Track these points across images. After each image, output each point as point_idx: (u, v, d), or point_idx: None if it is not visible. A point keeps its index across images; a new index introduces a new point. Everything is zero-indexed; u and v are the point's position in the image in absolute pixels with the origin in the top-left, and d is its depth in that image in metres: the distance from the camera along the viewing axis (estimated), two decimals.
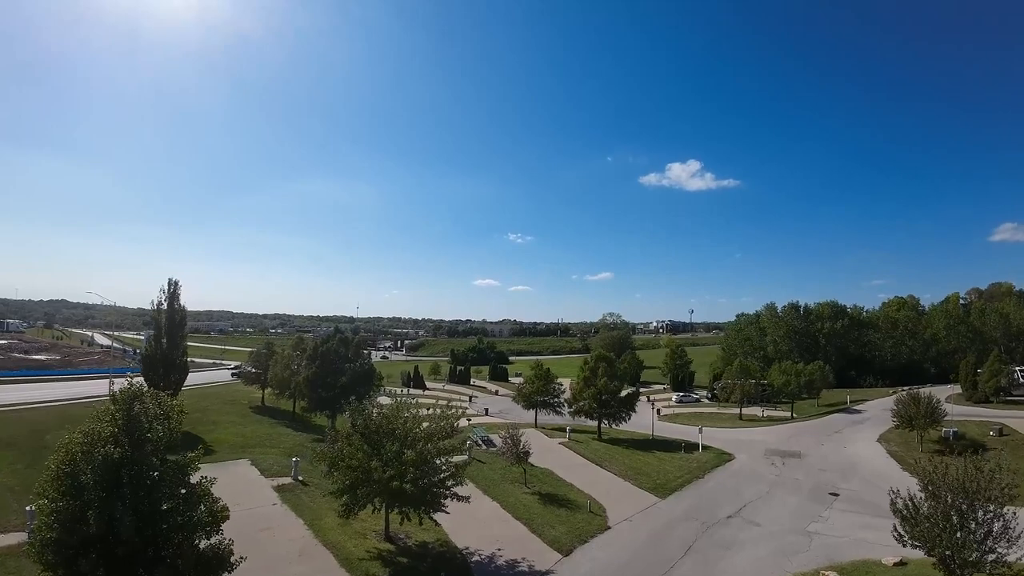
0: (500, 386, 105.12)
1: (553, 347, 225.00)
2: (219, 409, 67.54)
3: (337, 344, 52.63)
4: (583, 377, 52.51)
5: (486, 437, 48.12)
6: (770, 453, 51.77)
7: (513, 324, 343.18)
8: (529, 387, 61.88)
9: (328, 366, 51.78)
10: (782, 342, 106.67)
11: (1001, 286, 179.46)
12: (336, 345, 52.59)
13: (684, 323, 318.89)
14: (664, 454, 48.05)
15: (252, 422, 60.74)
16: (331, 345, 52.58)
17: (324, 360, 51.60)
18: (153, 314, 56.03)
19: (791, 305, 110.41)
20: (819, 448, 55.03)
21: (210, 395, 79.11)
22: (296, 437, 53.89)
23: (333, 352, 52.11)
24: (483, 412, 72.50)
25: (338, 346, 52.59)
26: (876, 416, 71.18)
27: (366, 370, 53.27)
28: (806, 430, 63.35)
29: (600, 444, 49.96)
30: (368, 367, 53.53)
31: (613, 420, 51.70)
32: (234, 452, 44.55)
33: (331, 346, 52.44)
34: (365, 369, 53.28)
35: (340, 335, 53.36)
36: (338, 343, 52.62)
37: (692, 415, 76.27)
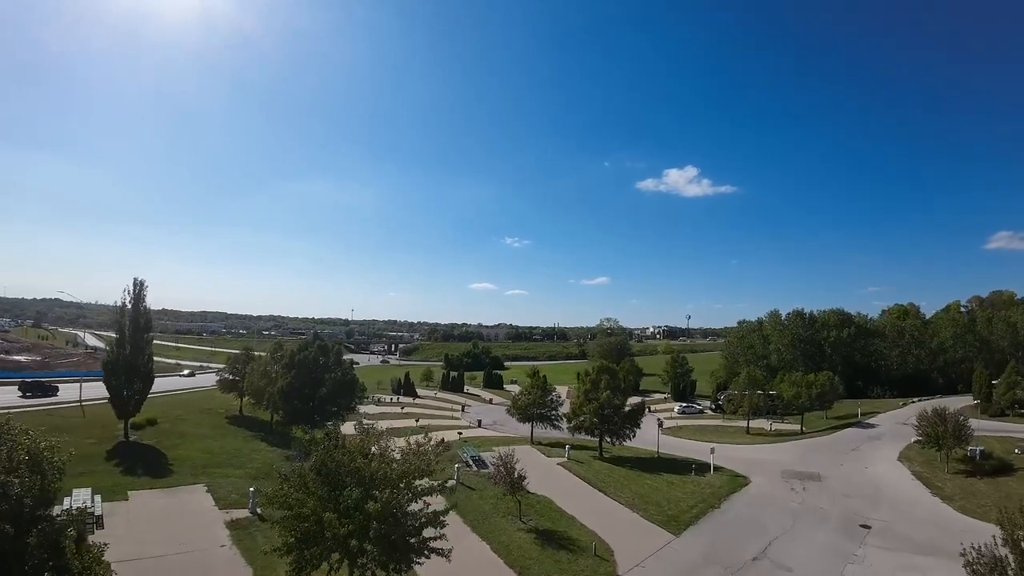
0: (494, 394, 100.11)
1: (549, 352, 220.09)
2: (191, 419, 62.33)
3: (316, 352, 47.64)
4: (583, 390, 47.63)
5: (477, 456, 43.11)
6: (787, 475, 46.95)
7: (509, 328, 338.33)
8: (525, 398, 56.97)
9: (306, 375, 46.83)
10: (786, 351, 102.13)
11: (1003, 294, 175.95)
12: (315, 353, 47.60)
13: (681, 329, 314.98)
14: (673, 477, 43.14)
15: (224, 435, 55.60)
16: (309, 353, 47.58)
17: (301, 369, 46.63)
18: (116, 316, 51.10)
19: (796, 312, 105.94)
20: (838, 469, 50.27)
21: (186, 402, 73.79)
22: (269, 453, 48.82)
23: (311, 360, 47.13)
24: (475, 424, 67.50)
25: (317, 354, 47.62)
26: (892, 431, 66.59)
27: (347, 380, 48.26)
28: (820, 447, 58.60)
29: (602, 464, 45.02)
30: (350, 377, 48.55)
31: (616, 438, 46.76)
32: (193, 474, 39.46)
33: (309, 354, 47.45)
34: (346, 379, 48.25)
35: (319, 342, 48.36)
36: (317, 351, 47.66)
37: (696, 428, 71.53)
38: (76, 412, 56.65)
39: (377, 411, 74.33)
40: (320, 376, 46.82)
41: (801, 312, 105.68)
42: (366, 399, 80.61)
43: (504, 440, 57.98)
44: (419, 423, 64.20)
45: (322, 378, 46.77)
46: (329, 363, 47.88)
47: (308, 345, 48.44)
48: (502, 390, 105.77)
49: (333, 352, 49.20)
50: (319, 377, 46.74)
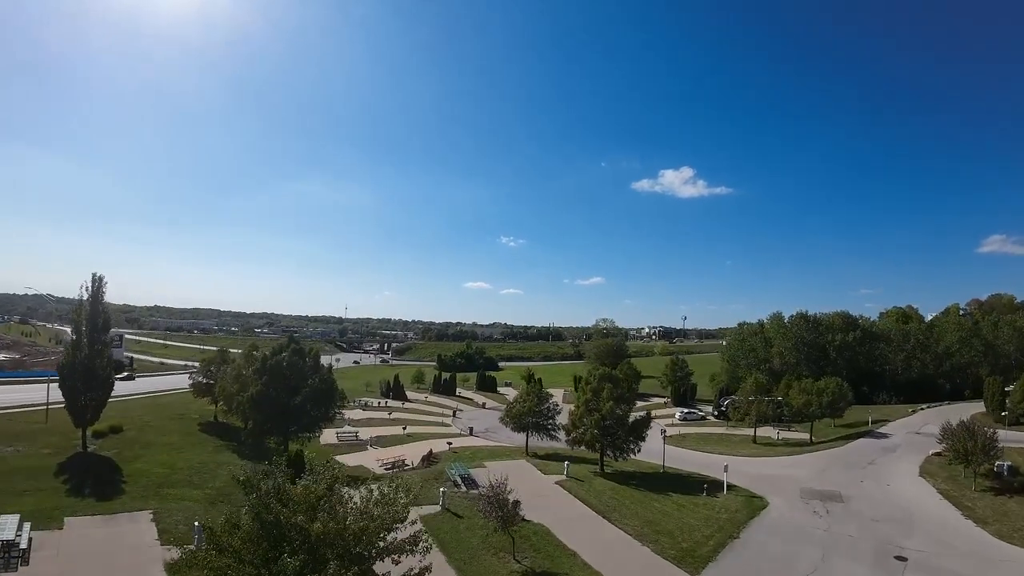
0: (487, 397, 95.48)
1: (544, 353, 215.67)
2: (161, 426, 57.40)
3: (290, 355, 42.80)
4: (583, 400, 43.01)
5: (466, 475, 38.44)
6: (807, 495, 42.54)
7: (504, 328, 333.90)
8: (519, 406, 52.38)
9: (279, 382, 41.99)
10: (789, 354, 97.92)
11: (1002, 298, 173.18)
12: (289, 356, 42.76)
13: (677, 329, 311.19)
14: (683, 498, 38.61)
15: (192, 444, 50.71)
16: (283, 357, 42.74)
17: (274, 375, 41.79)
18: (72, 316, 46.21)
19: (800, 315, 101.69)
20: (859, 487, 45.93)
21: (160, 406, 68.73)
22: (239, 468, 43.99)
23: (285, 365, 42.31)
24: (467, 431, 62.86)
25: (292, 358, 42.78)
26: (907, 442, 62.34)
27: (325, 387, 43.46)
28: (834, 461, 54.26)
29: (605, 483, 40.45)
30: (328, 383, 43.72)
31: (619, 453, 42.17)
32: (144, 495, 34.65)
33: (283, 358, 42.61)
34: (325, 386, 43.44)
35: (294, 345, 43.51)
36: (292, 354, 42.80)
37: (700, 437, 67.14)
38: (40, 417, 51.98)
39: (364, 416, 69.62)
40: (295, 383, 41.99)
41: (805, 315, 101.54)
42: (348, 405, 75.89)
43: (497, 451, 53.38)
44: (406, 431, 59.56)
45: (297, 385, 41.93)
46: (305, 368, 43.04)
47: (282, 348, 43.53)
48: (496, 393, 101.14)
49: (310, 356, 44.31)
50: (294, 384, 41.90)
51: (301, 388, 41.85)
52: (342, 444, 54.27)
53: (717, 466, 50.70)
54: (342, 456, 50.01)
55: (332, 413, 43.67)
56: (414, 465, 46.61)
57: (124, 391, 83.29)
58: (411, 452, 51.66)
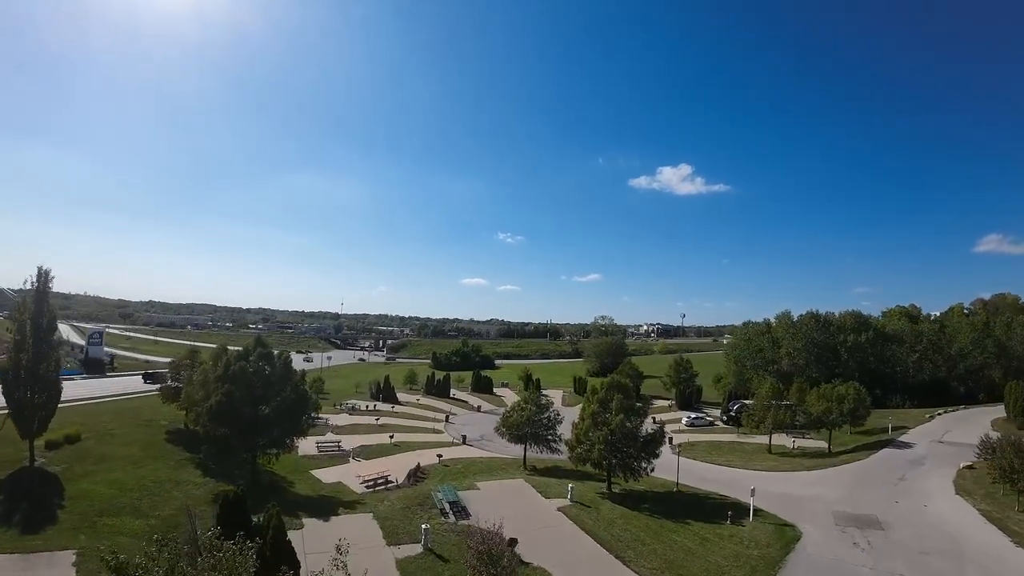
0: (483, 399, 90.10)
1: (542, 350, 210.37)
2: (124, 434, 51.83)
3: (257, 360, 37.33)
4: (590, 412, 37.65)
5: (456, 501, 33.08)
6: (841, 521, 37.42)
7: (501, 324, 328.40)
8: (517, 415, 47.13)
9: (244, 391, 36.55)
10: (799, 355, 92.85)
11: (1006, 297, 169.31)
12: (256, 362, 37.30)
13: (675, 327, 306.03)
14: (705, 528, 33.40)
15: (154, 457, 45.20)
16: (249, 363, 37.27)
17: (237, 383, 36.32)
18: (15, 314, 40.81)
19: (810, 314, 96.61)
20: (895, 508, 40.83)
21: (130, 410, 63.02)
22: (200, 487, 38.49)
23: (251, 372, 36.85)
24: (460, 440, 57.53)
25: (258, 363, 37.32)
26: (932, 452, 57.33)
27: (297, 397, 38.00)
28: (862, 476, 49.16)
29: (614, 509, 35.18)
30: (300, 393, 38.26)
31: (631, 474, 36.84)
32: (78, 526, 29.36)
33: (248, 364, 37.15)
34: (296, 396, 37.99)
35: (261, 349, 38.01)
36: (258, 358, 37.33)
37: (711, 446, 61.99)
38: None
39: (349, 422, 64.22)
40: (261, 392, 36.57)
41: (816, 314, 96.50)
42: (335, 409, 70.51)
43: (491, 464, 48.11)
44: (393, 440, 54.25)
45: (264, 395, 36.52)
46: (273, 375, 37.59)
47: (248, 351, 38.00)
48: (491, 394, 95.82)
49: (280, 361, 38.78)
50: (260, 394, 36.48)
51: (269, 398, 36.42)
52: (322, 455, 48.89)
53: (735, 483, 45.69)
54: (320, 471, 44.66)
55: (304, 426, 38.20)
56: (398, 482, 41.28)
57: (97, 392, 77.89)
58: (397, 465, 46.34)
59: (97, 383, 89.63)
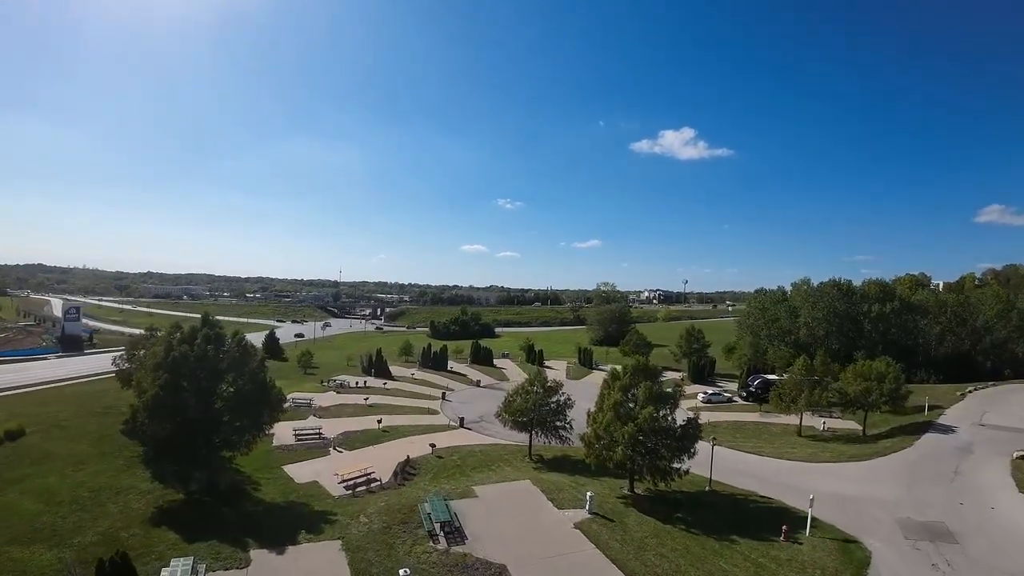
0: (483, 372, 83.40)
1: (543, 318, 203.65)
2: (75, 427, 45.01)
3: (203, 343, 29.88)
4: (612, 403, 30.40)
5: (448, 519, 26.07)
6: (909, 531, 30.86)
7: (500, 291, 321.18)
8: (522, 399, 40.12)
9: (189, 381, 29.27)
10: (818, 326, 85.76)
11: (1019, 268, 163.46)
12: (202, 345, 29.86)
13: (677, 293, 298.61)
14: (755, 545, 26.72)
15: (101, 455, 38.31)
16: (194, 347, 29.83)
17: (177, 372, 28.98)
18: None
19: (832, 282, 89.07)
20: (960, 512, 34.40)
21: (89, 396, 56.03)
22: (142, 497, 31.20)
23: (193, 358, 29.46)
24: (457, 423, 50.80)
25: (205, 347, 29.89)
26: (976, 438, 50.75)
27: (255, 386, 30.72)
28: (913, 469, 42.55)
29: (643, 523, 28.39)
30: (259, 382, 30.91)
31: (661, 477, 29.90)
32: None
33: (193, 348, 29.73)
34: (253, 386, 30.69)
35: (209, 328, 30.49)
36: (204, 341, 29.86)
37: (734, 428, 55.52)
38: None
39: (335, 402, 57.39)
40: (209, 384, 29.29)
41: (838, 282, 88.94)
42: (322, 385, 63.69)
43: (491, 455, 41.34)
44: (382, 425, 47.45)
45: (210, 387, 29.25)
46: (225, 361, 30.19)
47: (195, 331, 30.50)
48: (492, 367, 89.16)
49: (234, 344, 31.33)
50: (206, 385, 29.21)
51: (219, 389, 29.18)
52: (299, 446, 42.14)
53: (774, 477, 39.18)
54: (294, 466, 37.88)
55: (266, 421, 31.07)
56: (383, 482, 34.51)
57: (64, 374, 71.05)
58: (384, 457, 39.62)
59: (71, 362, 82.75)
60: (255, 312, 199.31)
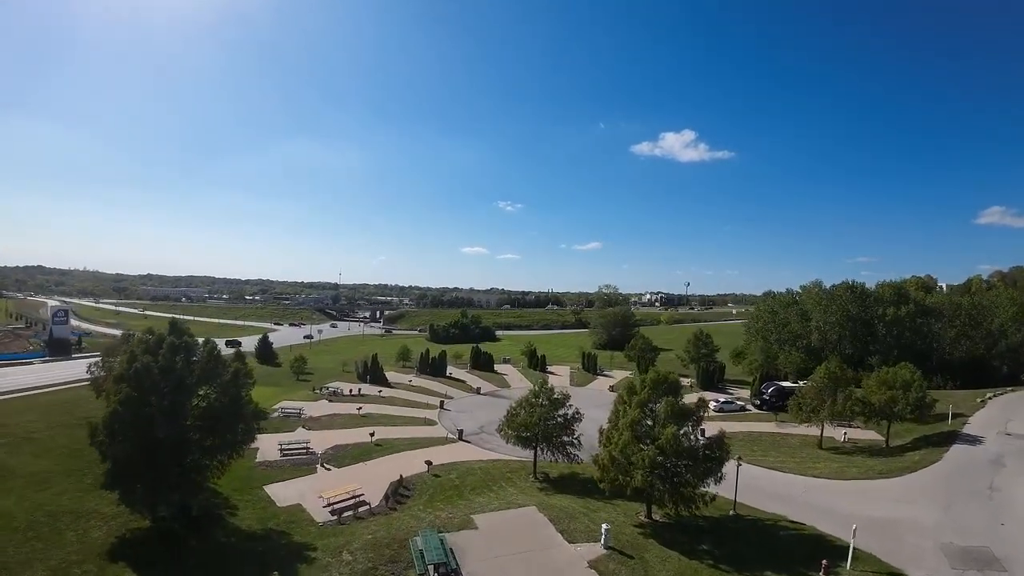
0: (484, 379, 79.79)
1: (544, 321, 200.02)
2: (46, 438, 41.41)
3: (168, 353, 26.36)
4: (630, 421, 26.87)
5: (443, 561, 22.43)
6: (956, 560, 27.45)
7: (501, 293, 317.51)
8: (526, 414, 36.56)
9: (152, 395, 25.75)
10: (831, 330, 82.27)
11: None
12: (166, 355, 26.34)
13: (679, 296, 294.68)
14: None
15: (68, 472, 34.58)
16: (158, 357, 26.31)
17: (140, 385, 25.48)
18: None
19: (846, 285, 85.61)
20: (1003, 534, 31.05)
21: (63, 404, 51.92)
22: (104, 525, 27.54)
23: (160, 370, 25.95)
24: (455, 435, 47.26)
25: (170, 357, 26.37)
26: (1005, 448, 47.29)
27: (228, 401, 27.18)
28: (947, 484, 39.09)
29: (666, 557, 24.86)
30: (233, 396, 27.38)
31: (685, 504, 26.36)
32: None
33: (157, 359, 26.20)
34: (226, 401, 27.16)
35: (176, 336, 26.96)
36: (169, 350, 26.35)
37: (750, 439, 51.96)
38: None
39: (327, 411, 53.82)
40: (178, 399, 25.78)
41: (852, 284, 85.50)
42: (314, 394, 59.59)
43: (493, 473, 37.78)
44: (374, 438, 43.89)
45: (181, 402, 25.74)
46: (192, 373, 26.66)
47: (160, 340, 27.00)
48: (493, 372, 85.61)
49: (204, 353, 27.83)
50: (176, 401, 25.69)
51: (186, 406, 25.68)
52: (284, 462, 38.61)
53: (801, 497, 35.72)
54: (277, 485, 34.40)
55: (239, 441, 27.52)
56: (372, 507, 30.98)
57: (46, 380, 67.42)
58: (375, 475, 36.12)
59: (56, 368, 79.09)
60: (252, 315, 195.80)
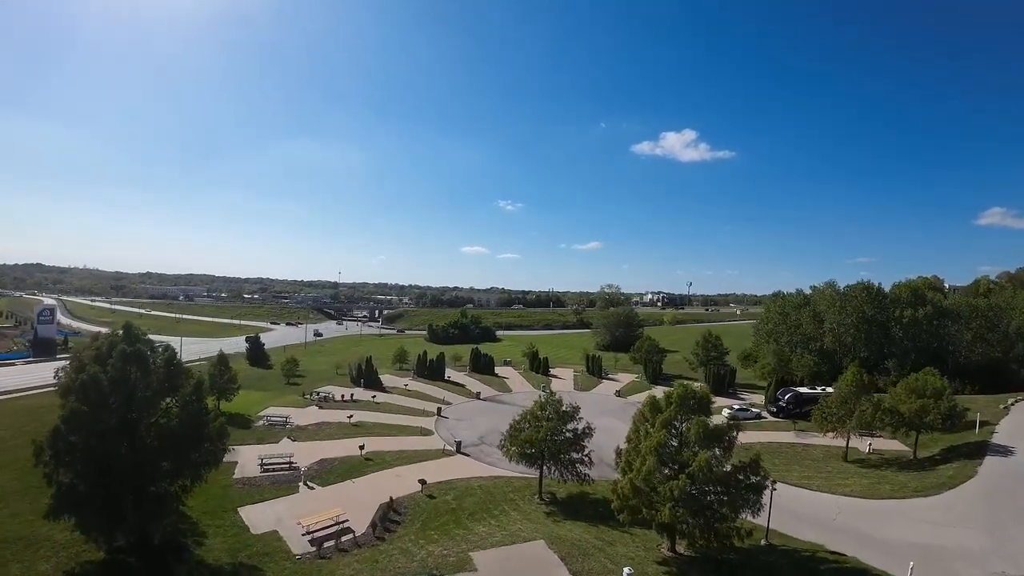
0: (484, 382, 76.00)
1: (545, 321, 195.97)
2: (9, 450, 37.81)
3: (120, 362, 22.56)
4: (654, 444, 23.00)
5: None
6: None
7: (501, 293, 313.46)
8: (530, 430, 32.76)
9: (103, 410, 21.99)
10: (846, 333, 78.43)
11: None
12: (117, 365, 22.54)
13: (681, 296, 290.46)
14: None
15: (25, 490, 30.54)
16: (107, 367, 22.53)
17: (87, 399, 21.71)
18: None
19: (861, 285, 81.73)
20: None
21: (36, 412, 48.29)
22: (54, 556, 23.83)
23: (111, 382, 22.17)
24: (453, 447, 43.42)
25: (122, 367, 22.57)
26: None
27: (189, 417, 23.38)
28: (987, 502, 35.47)
29: None
30: (195, 410, 23.57)
31: (719, 540, 22.51)
32: None
33: (106, 369, 22.42)
34: (188, 415, 23.36)
35: (126, 346, 23.11)
36: (121, 359, 22.54)
37: (768, 451, 47.93)
38: None
39: (316, 419, 50.00)
40: (128, 415, 21.98)
41: (868, 285, 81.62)
42: (305, 398, 54.74)
43: (494, 493, 33.96)
44: (364, 451, 40.08)
45: (130, 419, 21.95)
46: (148, 385, 22.85)
47: (112, 346, 23.18)
48: (493, 375, 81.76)
49: (162, 360, 24.02)
50: (126, 418, 21.89)
51: (139, 423, 21.89)
52: (264, 479, 34.84)
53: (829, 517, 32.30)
54: (253, 508, 30.65)
55: (203, 463, 23.68)
56: (357, 535, 27.19)
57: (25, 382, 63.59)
58: (362, 496, 32.37)
59: (39, 369, 75.14)
60: (249, 314, 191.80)
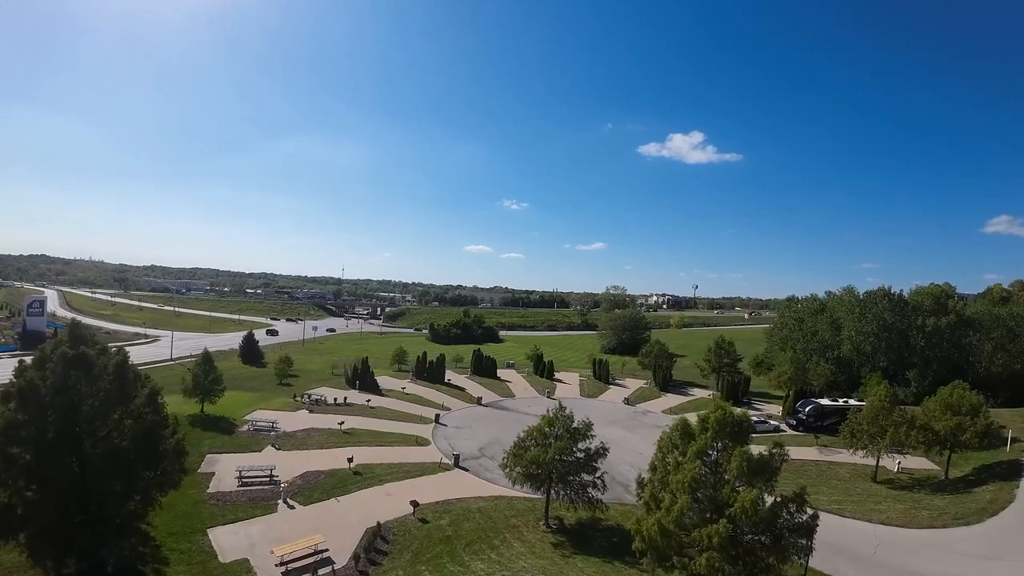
0: (486, 386, 72.47)
1: (548, 321, 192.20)
2: None
3: (62, 368, 19.11)
4: (688, 479, 19.33)
5: None
6: None
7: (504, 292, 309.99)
8: (538, 449, 29.20)
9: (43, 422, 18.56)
10: (865, 341, 74.59)
11: None
12: (58, 371, 19.09)
13: (687, 298, 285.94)
14: None
15: None
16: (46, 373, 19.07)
17: (25, 408, 18.29)
18: None
19: (882, 291, 77.88)
20: None
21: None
22: None
23: (51, 389, 18.72)
24: (451, 460, 39.89)
25: (65, 374, 19.12)
26: None
27: (143, 431, 19.92)
28: None
29: None
30: (148, 424, 20.12)
31: None
32: None
33: (45, 375, 18.97)
34: (142, 429, 19.90)
35: (67, 349, 19.62)
36: (63, 364, 19.09)
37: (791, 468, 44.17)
38: None
39: (306, 425, 46.55)
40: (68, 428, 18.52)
41: (889, 292, 77.74)
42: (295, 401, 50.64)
43: (495, 518, 30.41)
44: (353, 464, 36.58)
45: (70, 433, 18.49)
46: (96, 394, 19.40)
47: (54, 348, 19.75)
48: (495, 379, 78.18)
49: (112, 366, 20.54)
50: (66, 430, 18.43)
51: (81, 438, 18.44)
52: (241, 494, 31.42)
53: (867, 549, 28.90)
54: (224, 529, 27.23)
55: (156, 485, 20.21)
56: (336, 568, 23.71)
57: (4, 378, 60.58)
58: (347, 518, 28.93)
59: None
60: (251, 309, 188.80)
